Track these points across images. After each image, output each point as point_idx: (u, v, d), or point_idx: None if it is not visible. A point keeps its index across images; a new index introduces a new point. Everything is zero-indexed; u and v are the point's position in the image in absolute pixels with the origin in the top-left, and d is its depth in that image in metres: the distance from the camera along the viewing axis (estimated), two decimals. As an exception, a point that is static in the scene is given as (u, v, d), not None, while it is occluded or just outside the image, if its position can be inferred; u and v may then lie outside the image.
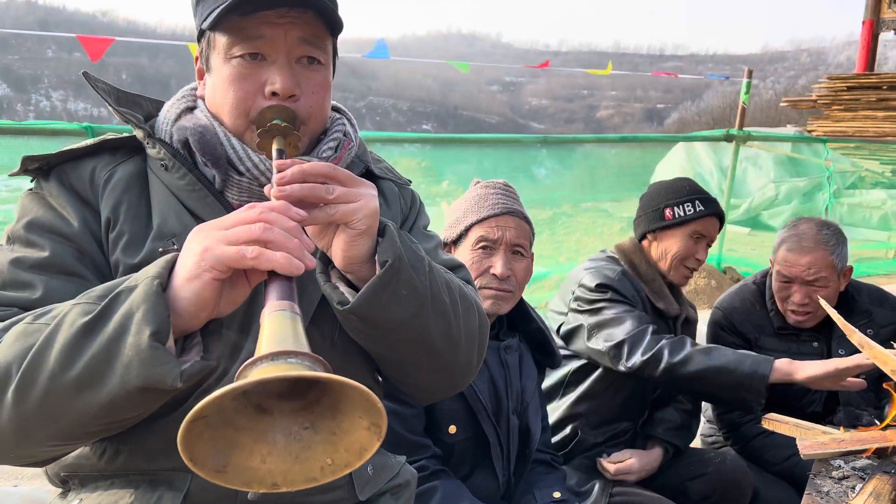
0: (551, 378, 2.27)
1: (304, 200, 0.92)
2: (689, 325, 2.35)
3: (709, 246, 2.22)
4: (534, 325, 1.82)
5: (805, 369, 1.88)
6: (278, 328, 0.77)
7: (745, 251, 7.26)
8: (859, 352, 1.73)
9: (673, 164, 11.25)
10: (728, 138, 6.43)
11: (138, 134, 1.13)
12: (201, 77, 1.16)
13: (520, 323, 1.82)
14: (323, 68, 1.11)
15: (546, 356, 1.87)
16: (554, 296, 2.34)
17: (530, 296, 5.96)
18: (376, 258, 0.98)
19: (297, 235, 0.88)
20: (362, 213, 0.95)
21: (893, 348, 1.79)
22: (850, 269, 2.30)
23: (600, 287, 2.10)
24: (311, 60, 1.09)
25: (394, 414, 1.58)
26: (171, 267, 0.89)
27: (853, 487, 1.59)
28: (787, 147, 10.46)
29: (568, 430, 2.17)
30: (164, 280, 0.87)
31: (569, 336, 2.16)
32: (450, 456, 1.68)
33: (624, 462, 2.06)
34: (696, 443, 2.65)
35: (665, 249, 2.18)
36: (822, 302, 1.86)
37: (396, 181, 1.30)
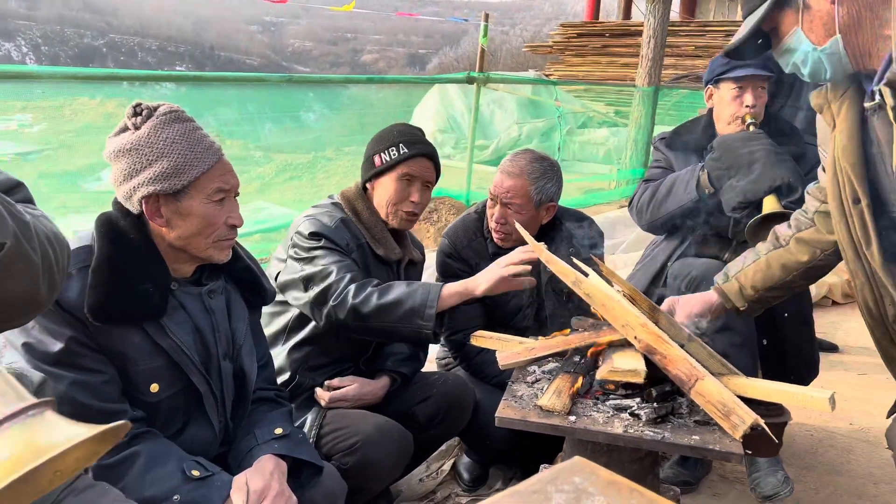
0: (275, 325, 2.23)
1: None
2: (414, 267, 2.40)
3: (428, 188, 2.24)
4: (241, 263, 1.72)
5: (478, 284, 1.97)
6: None
7: (492, 188, 7.72)
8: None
9: (428, 107, 11.59)
10: (469, 80, 6.73)
11: None
12: None
13: (224, 264, 1.67)
14: None
15: (256, 294, 1.78)
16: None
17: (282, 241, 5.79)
18: None
19: None
20: None
21: (593, 262, 2.00)
22: (554, 206, 2.47)
23: (314, 235, 2.08)
24: None
25: (79, 385, 1.42)
26: None
27: (542, 389, 1.78)
28: (528, 90, 11.28)
29: (287, 375, 2.16)
30: None
31: (284, 287, 2.12)
32: (156, 415, 1.56)
33: (340, 390, 2.11)
34: (433, 366, 2.78)
35: (381, 196, 2.20)
36: (516, 224, 2.03)
37: None
